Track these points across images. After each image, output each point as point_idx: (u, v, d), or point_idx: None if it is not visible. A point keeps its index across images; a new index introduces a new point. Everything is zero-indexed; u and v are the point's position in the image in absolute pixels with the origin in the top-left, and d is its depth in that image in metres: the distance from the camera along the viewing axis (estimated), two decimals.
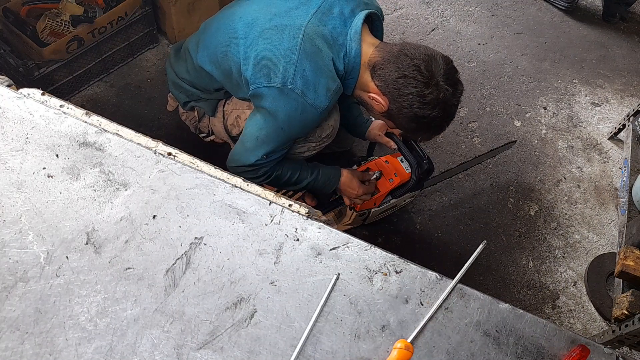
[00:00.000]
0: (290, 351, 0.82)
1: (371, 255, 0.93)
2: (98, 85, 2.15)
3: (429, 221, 2.03)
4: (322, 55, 1.33)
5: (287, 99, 1.34)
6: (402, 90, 1.32)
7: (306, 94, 1.33)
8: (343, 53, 1.37)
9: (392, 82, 1.33)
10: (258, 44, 1.35)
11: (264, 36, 1.35)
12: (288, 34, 1.33)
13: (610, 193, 2.23)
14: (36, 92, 1.05)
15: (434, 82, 1.30)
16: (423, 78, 1.29)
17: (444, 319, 0.89)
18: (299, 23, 1.34)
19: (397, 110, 1.37)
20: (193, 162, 1.01)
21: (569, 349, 0.88)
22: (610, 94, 2.57)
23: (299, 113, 1.36)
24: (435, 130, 1.43)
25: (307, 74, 1.31)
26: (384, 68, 1.34)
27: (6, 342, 0.78)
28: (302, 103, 1.34)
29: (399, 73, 1.31)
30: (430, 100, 1.30)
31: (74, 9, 1.95)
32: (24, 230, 0.87)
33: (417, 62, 1.30)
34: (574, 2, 2.85)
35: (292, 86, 1.31)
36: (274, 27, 1.35)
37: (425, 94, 1.30)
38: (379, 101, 1.38)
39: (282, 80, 1.31)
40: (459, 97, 1.36)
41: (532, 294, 1.92)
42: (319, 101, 1.35)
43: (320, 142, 1.58)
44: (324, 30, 1.35)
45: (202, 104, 1.69)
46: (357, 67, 1.38)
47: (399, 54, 1.32)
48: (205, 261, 0.89)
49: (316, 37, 1.33)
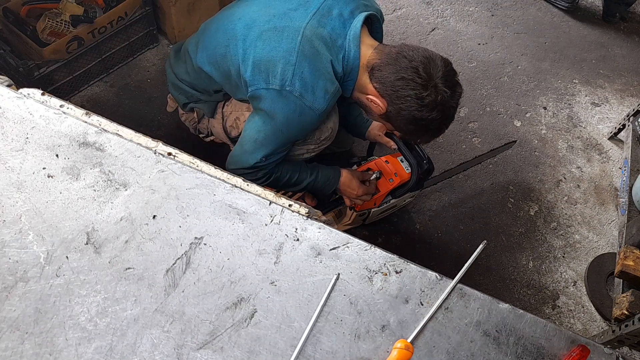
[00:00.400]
0: (290, 351, 0.82)
1: (371, 255, 0.93)
2: (98, 85, 2.15)
3: (429, 221, 2.03)
4: (321, 57, 1.33)
5: (286, 100, 1.34)
6: (400, 93, 1.31)
7: (304, 96, 1.33)
8: (342, 55, 1.37)
9: (391, 84, 1.32)
10: (257, 45, 1.35)
11: (262, 37, 1.35)
12: (287, 36, 1.32)
13: (610, 193, 2.23)
14: (36, 92, 1.05)
15: (432, 84, 1.29)
16: (421, 80, 1.29)
17: (444, 319, 0.89)
18: (297, 25, 1.34)
19: (395, 112, 1.36)
20: (193, 162, 1.01)
21: (569, 349, 0.88)
22: (610, 94, 2.57)
23: (297, 115, 1.36)
24: (434, 132, 1.42)
25: (305, 76, 1.31)
26: (383, 70, 1.34)
27: (6, 342, 0.78)
28: (301, 105, 1.34)
29: (397, 75, 1.31)
30: (429, 102, 1.30)
31: (74, 9, 1.95)
32: (24, 230, 0.87)
33: (416, 64, 1.29)
34: (574, 2, 2.85)
35: (291, 88, 1.31)
36: (273, 28, 1.35)
37: (423, 96, 1.29)
38: (377, 103, 1.38)
39: (280, 82, 1.31)
40: (458, 99, 1.36)
41: (532, 294, 1.92)
42: (317, 103, 1.35)
43: (319, 145, 1.58)
44: (323, 32, 1.35)
45: (202, 105, 1.69)
46: (355, 69, 1.38)
47: (397, 56, 1.32)
48: (205, 261, 0.89)
49: (315, 39, 1.33)
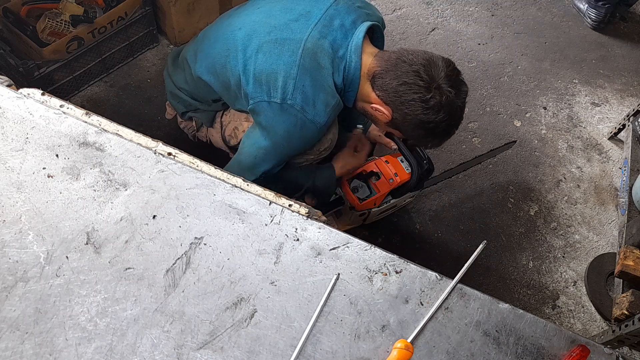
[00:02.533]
0: (290, 351, 0.82)
1: (371, 255, 0.93)
2: (98, 85, 2.15)
3: (429, 221, 2.03)
4: (322, 71, 1.32)
5: (287, 114, 1.33)
6: (404, 98, 1.29)
7: (306, 109, 1.31)
8: (343, 65, 1.35)
9: (393, 90, 1.30)
10: (257, 57, 1.33)
11: (263, 50, 1.33)
12: (287, 49, 1.31)
13: (610, 193, 2.23)
14: (36, 92, 1.05)
15: (435, 85, 1.27)
16: (423, 83, 1.27)
17: (444, 319, 0.89)
18: (298, 37, 1.32)
19: (401, 118, 1.34)
20: (193, 162, 1.01)
21: (569, 349, 0.88)
22: (610, 94, 2.57)
23: (299, 129, 1.35)
24: (444, 135, 1.40)
25: (306, 90, 1.30)
26: (384, 77, 1.32)
27: (6, 342, 0.78)
28: (302, 119, 1.33)
29: (399, 81, 1.29)
30: (434, 104, 1.28)
31: (74, 9, 1.95)
32: (24, 230, 0.87)
33: (416, 67, 1.27)
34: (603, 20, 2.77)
35: (292, 102, 1.30)
36: (274, 40, 1.33)
37: (427, 99, 1.27)
38: (382, 111, 1.36)
39: (282, 96, 1.30)
40: (464, 98, 1.33)
41: (532, 294, 1.92)
42: (319, 117, 1.34)
43: (319, 155, 1.57)
44: (324, 44, 1.33)
45: (200, 115, 1.68)
46: (356, 79, 1.36)
47: (397, 62, 1.30)
48: (205, 261, 0.89)
49: (316, 52, 1.31)
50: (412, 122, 1.33)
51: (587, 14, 2.81)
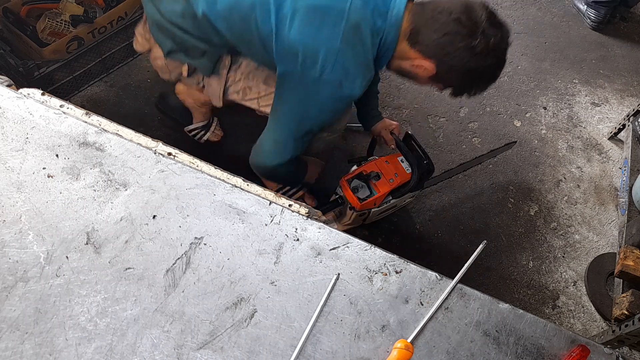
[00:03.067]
0: (290, 351, 0.82)
1: (371, 255, 0.93)
2: (98, 85, 2.15)
3: (429, 221, 2.03)
4: (364, 44, 1.25)
5: (324, 88, 1.26)
6: (448, 49, 1.22)
7: (344, 84, 1.26)
8: (379, 38, 1.27)
9: (435, 43, 1.23)
10: (293, 24, 1.22)
11: (299, 16, 1.21)
12: (329, 21, 1.21)
13: (610, 193, 2.23)
14: (36, 92, 1.05)
15: (480, 30, 1.20)
16: (467, 30, 1.20)
17: (444, 319, 0.89)
18: (340, 6, 1.21)
19: (446, 70, 1.28)
20: (193, 162, 1.01)
21: (569, 349, 0.88)
22: (610, 94, 2.57)
23: (333, 102, 1.30)
24: (490, 79, 1.35)
25: (347, 65, 1.24)
26: (422, 32, 1.24)
27: (6, 342, 0.78)
28: (339, 94, 1.28)
29: (440, 32, 1.22)
30: (481, 49, 1.21)
31: (74, 9, 1.95)
32: (24, 230, 0.87)
33: (456, 15, 1.20)
34: (602, 20, 2.78)
35: (331, 76, 1.24)
36: (313, 8, 1.21)
37: (474, 46, 1.20)
38: (424, 67, 1.29)
39: (320, 69, 1.23)
40: (508, 38, 1.26)
41: (532, 294, 1.92)
42: (355, 91, 1.29)
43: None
44: (366, 14, 1.23)
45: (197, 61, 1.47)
46: (392, 45, 1.29)
47: (433, 13, 1.23)
48: (205, 261, 0.89)
49: (359, 23, 1.22)
50: (460, 72, 1.27)
51: (586, 14, 2.82)
